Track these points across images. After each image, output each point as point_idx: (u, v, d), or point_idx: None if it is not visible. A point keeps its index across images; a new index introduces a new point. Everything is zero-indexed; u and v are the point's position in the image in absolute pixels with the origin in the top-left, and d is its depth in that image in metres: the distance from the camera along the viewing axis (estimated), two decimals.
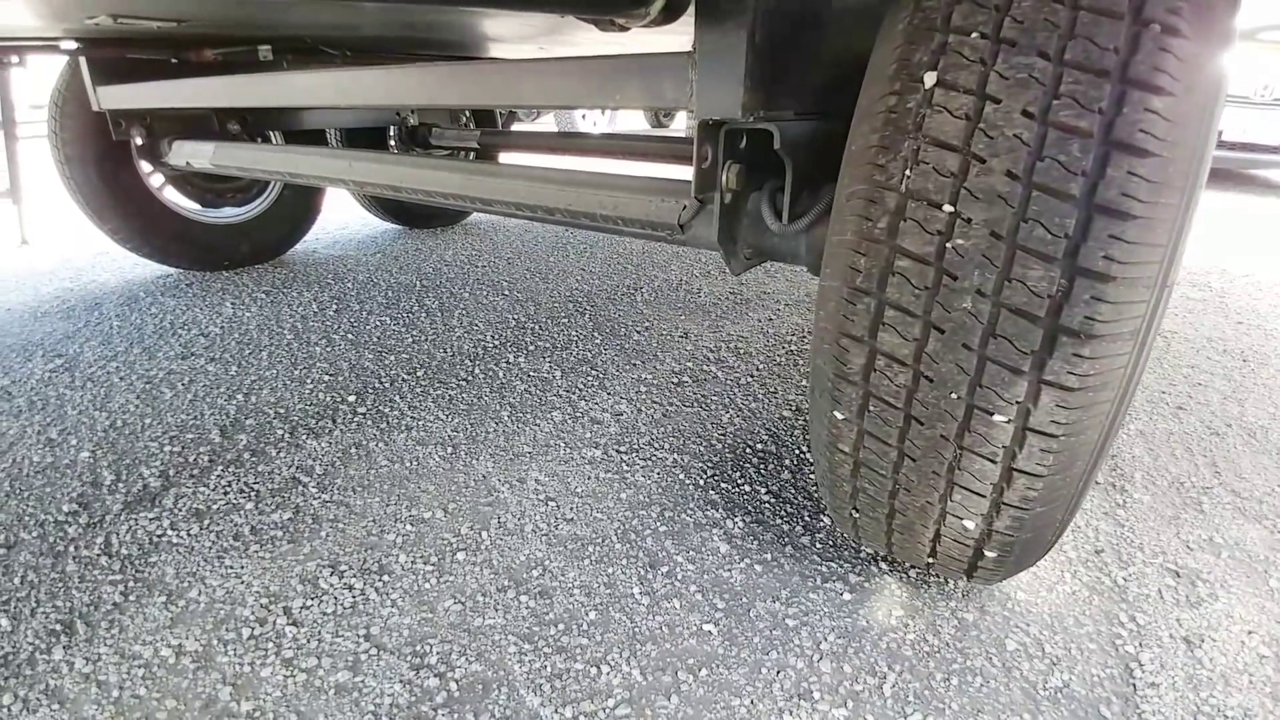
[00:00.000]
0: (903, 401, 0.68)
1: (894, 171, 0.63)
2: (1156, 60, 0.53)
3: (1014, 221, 0.57)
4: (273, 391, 1.59)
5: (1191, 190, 0.57)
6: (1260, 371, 1.95)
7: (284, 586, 1.04)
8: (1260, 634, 1.02)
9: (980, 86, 0.59)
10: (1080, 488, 0.71)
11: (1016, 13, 0.58)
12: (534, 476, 1.31)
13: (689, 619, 0.99)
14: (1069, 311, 0.57)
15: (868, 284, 0.66)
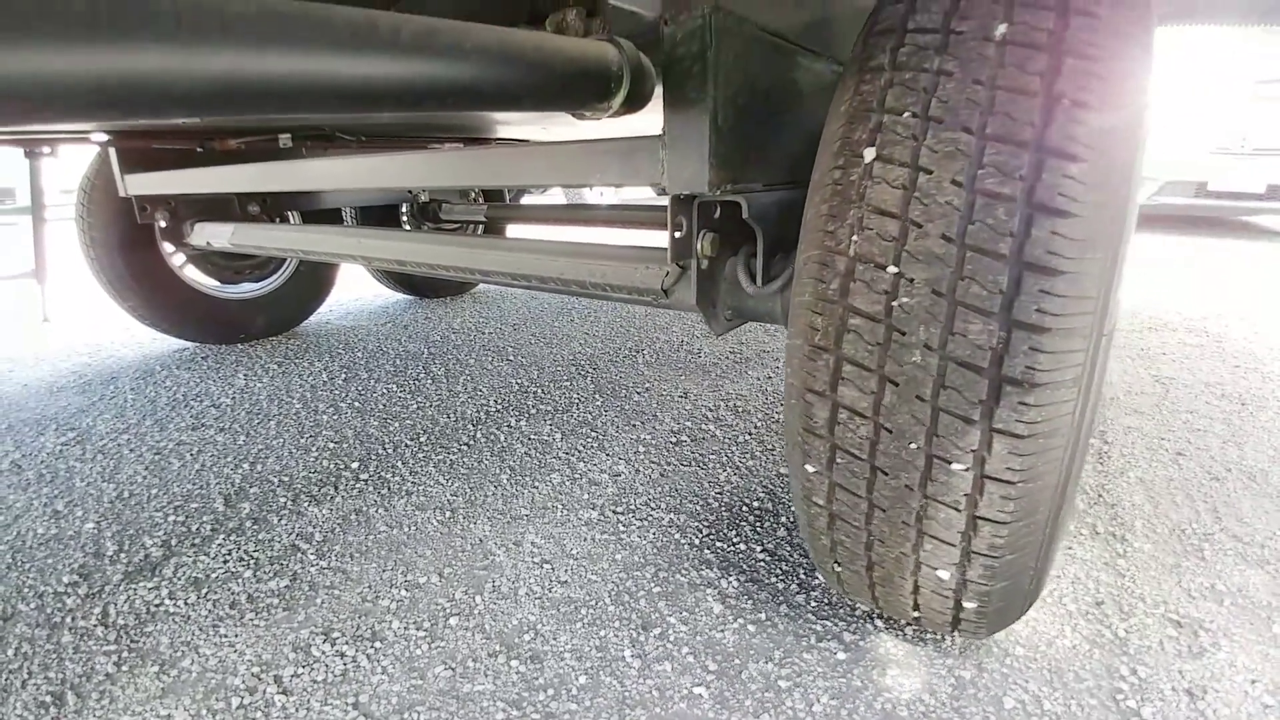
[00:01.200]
0: (866, 453, 0.70)
1: (842, 237, 0.68)
2: (1069, 130, 0.58)
3: (952, 280, 0.61)
4: (278, 460, 1.63)
5: (1117, 244, 0.61)
6: (1259, 415, 1.94)
7: (276, 654, 1.04)
8: (1264, 683, 0.99)
9: (914, 160, 0.64)
10: (1048, 534, 0.72)
11: (941, 94, 0.64)
12: (530, 539, 1.32)
13: (680, 682, 0.98)
14: (1010, 362, 0.60)
15: (825, 341, 0.70)
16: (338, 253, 1.64)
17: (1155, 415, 1.92)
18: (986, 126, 0.61)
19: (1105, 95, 0.59)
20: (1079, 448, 0.68)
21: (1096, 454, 1.68)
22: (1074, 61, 0.60)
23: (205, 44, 0.46)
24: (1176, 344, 2.60)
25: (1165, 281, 3.82)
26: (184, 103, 0.47)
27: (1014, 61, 0.62)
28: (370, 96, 0.55)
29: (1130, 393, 2.08)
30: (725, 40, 0.80)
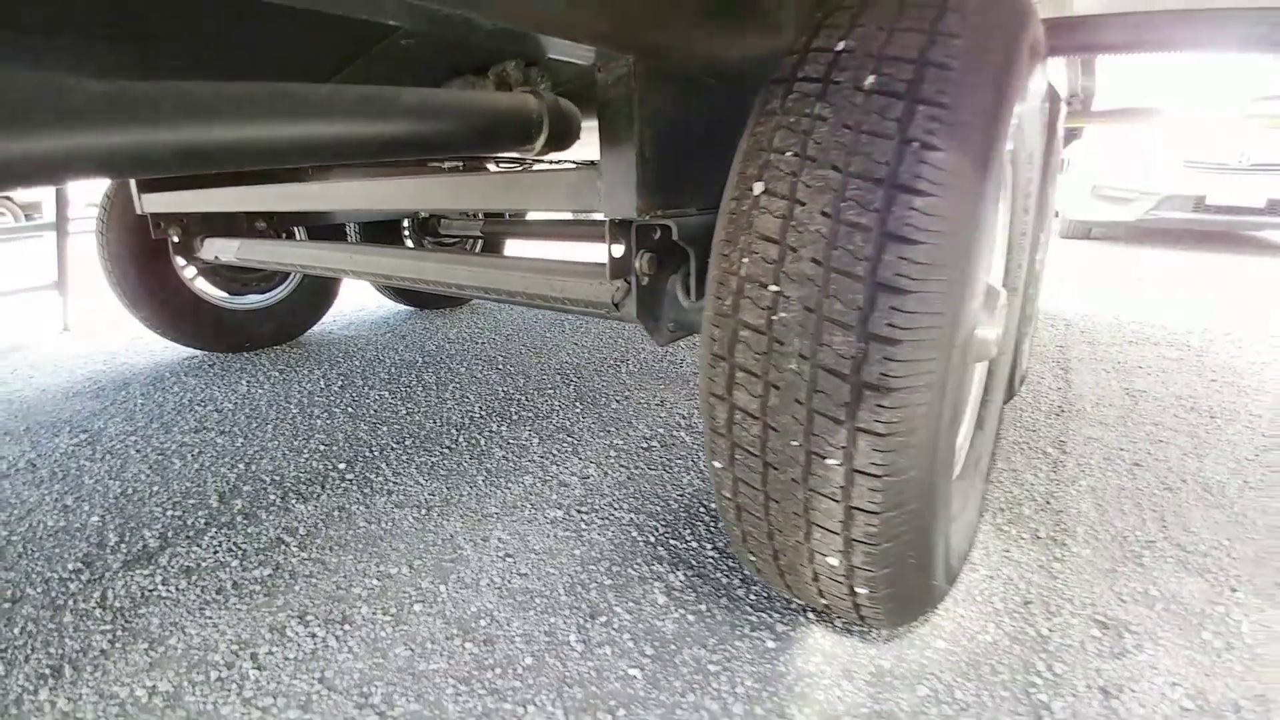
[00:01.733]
0: (759, 450, 0.78)
1: (734, 260, 0.77)
2: (916, 170, 0.66)
3: (820, 298, 0.70)
4: (271, 461, 1.74)
5: (965, 268, 0.69)
6: (1227, 428, 1.98)
7: (254, 634, 1.14)
8: (1185, 686, 1.04)
9: (792, 193, 0.72)
10: (925, 526, 0.79)
11: (816, 136, 0.72)
12: (497, 535, 1.41)
13: (617, 664, 1.06)
14: (868, 369, 0.68)
15: (722, 350, 0.79)
16: (329, 267, 1.75)
17: (1119, 427, 1.97)
18: (850, 165, 0.69)
19: (952, 138, 0.68)
20: (943, 448, 0.76)
21: (1052, 463, 1.73)
22: (925, 108, 0.68)
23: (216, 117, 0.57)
24: (1156, 358, 2.64)
25: (1154, 296, 3.85)
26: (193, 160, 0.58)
27: (876, 108, 0.70)
28: (328, 151, 0.65)
29: (1098, 405, 2.14)
30: (648, 85, 0.90)
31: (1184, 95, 3.67)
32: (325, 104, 0.63)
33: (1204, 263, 5.03)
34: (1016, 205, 1.24)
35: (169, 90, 0.55)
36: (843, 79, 0.74)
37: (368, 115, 0.65)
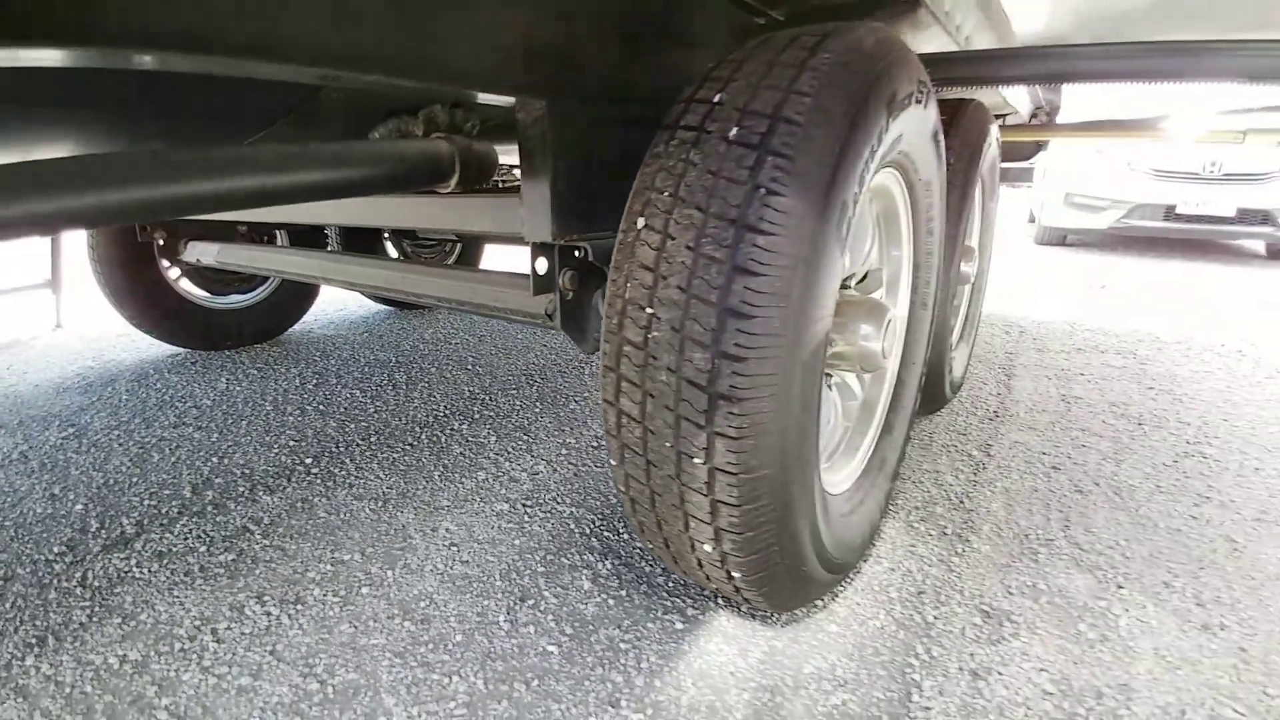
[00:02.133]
0: (642, 449, 0.90)
1: (621, 284, 0.88)
2: (760, 212, 0.78)
3: (682, 320, 0.81)
4: (243, 455, 1.85)
5: (804, 295, 0.80)
6: (1151, 435, 2.09)
7: (215, 612, 1.26)
8: (1051, 672, 1.15)
9: (665, 228, 0.84)
10: (785, 517, 0.91)
11: (687, 180, 0.84)
12: (446, 526, 1.53)
13: (538, 641, 1.18)
14: (720, 382, 0.79)
15: (611, 362, 0.90)
16: (298, 273, 1.87)
17: (1048, 432, 2.09)
18: (710, 206, 0.81)
19: (794, 185, 0.79)
20: (796, 450, 0.87)
21: (974, 465, 1.85)
22: (772, 158, 0.80)
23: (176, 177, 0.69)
24: (1100, 365, 2.75)
25: (1114, 304, 3.95)
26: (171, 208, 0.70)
27: (734, 157, 0.82)
28: (266, 198, 0.78)
29: (1032, 410, 2.25)
30: (560, 125, 1.01)
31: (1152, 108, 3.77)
32: (264, 161, 0.74)
33: (1174, 270, 5.14)
34: (919, 229, 1.35)
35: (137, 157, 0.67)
36: (713, 129, 0.85)
37: (300, 167, 0.76)
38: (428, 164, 0.88)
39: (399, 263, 1.55)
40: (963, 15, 1.72)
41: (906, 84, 0.99)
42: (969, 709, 1.06)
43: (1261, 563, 1.45)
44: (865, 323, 1.18)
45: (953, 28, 1.71)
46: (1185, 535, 1.54)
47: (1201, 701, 1.08)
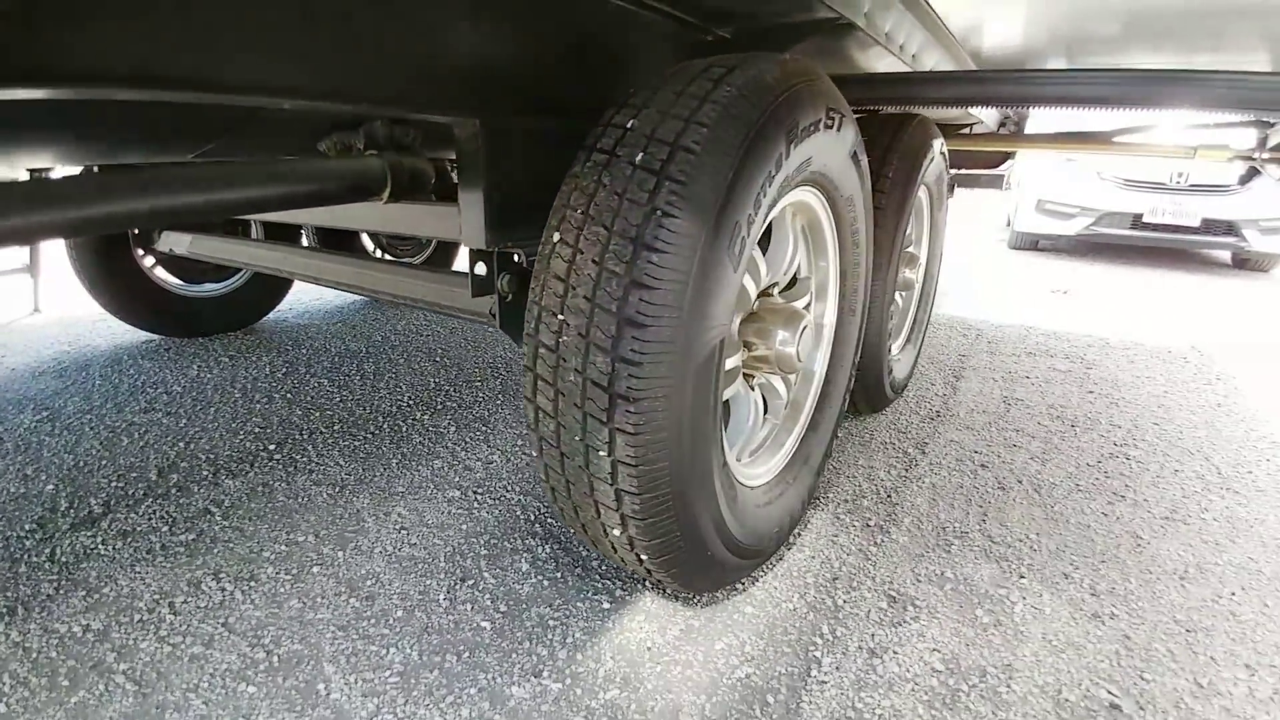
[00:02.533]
0: (556, 442, 0.99)
1: (538, 292, 0.97)
2: (656, 232, 0.86)
3: (588, 327, 0.90)
4: (209, 440, 1.93)
5: (695, 306, 0.89)
6: (1082, 436, 2.20)
7: (174, 587, 1.34)
8: (943, 652, 1.26)
9: (575, 242, 0.92)
10: (684, 505, 1.00)
11: (597, 200, 0.92)
12: (399, 511, 1.61)
13: (473, 618, 1.27)
14: (619, 383, 0.88)
15: (529, 363, 0.99)
16: (264, 265, 1.93)
17: (983, 432, 2.19)
18: (614, 225, 0.89)
19: (687, 207, 0.88)
20: (690, 444, 0.96)
21: (908, 461, 1.95)
22: (669, 184, 0.88)
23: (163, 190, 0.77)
24: (1046, 369, 2.86)
25: (1073, 309, 4.07)
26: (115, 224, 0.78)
27: (637, 181, 0.90)
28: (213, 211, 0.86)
29: (973, 411, 2.36)
30: (493, 141, 1.09)
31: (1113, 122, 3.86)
32: (206, 179, 0.82)
33: (1138, 277, 5.27)
34: (844, 240, 1.44)
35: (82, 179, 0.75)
36: (623, 154, 0.94)
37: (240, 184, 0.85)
38: (360, 180, 0.96)
39: (358, 259, 1.62)
40: (905, 35, 1.80)
41: (811, 113, 1.08)
42: (861, 683, 1.16)
43: (1161, 558, 1.56)
44: (783, 329, 1.28)
45: (896, 48, 1.79)
46: (1093, 531, 1.65)
47: (1079, 683, 1.19)
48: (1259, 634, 1.33)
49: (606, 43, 1.33)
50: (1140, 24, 1.84)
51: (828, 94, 1.15)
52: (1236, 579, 1.49)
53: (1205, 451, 2.12)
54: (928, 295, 2.49)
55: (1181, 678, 1.21)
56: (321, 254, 1.71)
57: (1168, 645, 1.28)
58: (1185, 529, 1.68)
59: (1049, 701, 1.14)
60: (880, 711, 1.11)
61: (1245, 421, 2.38)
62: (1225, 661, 1.25)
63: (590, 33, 1.26)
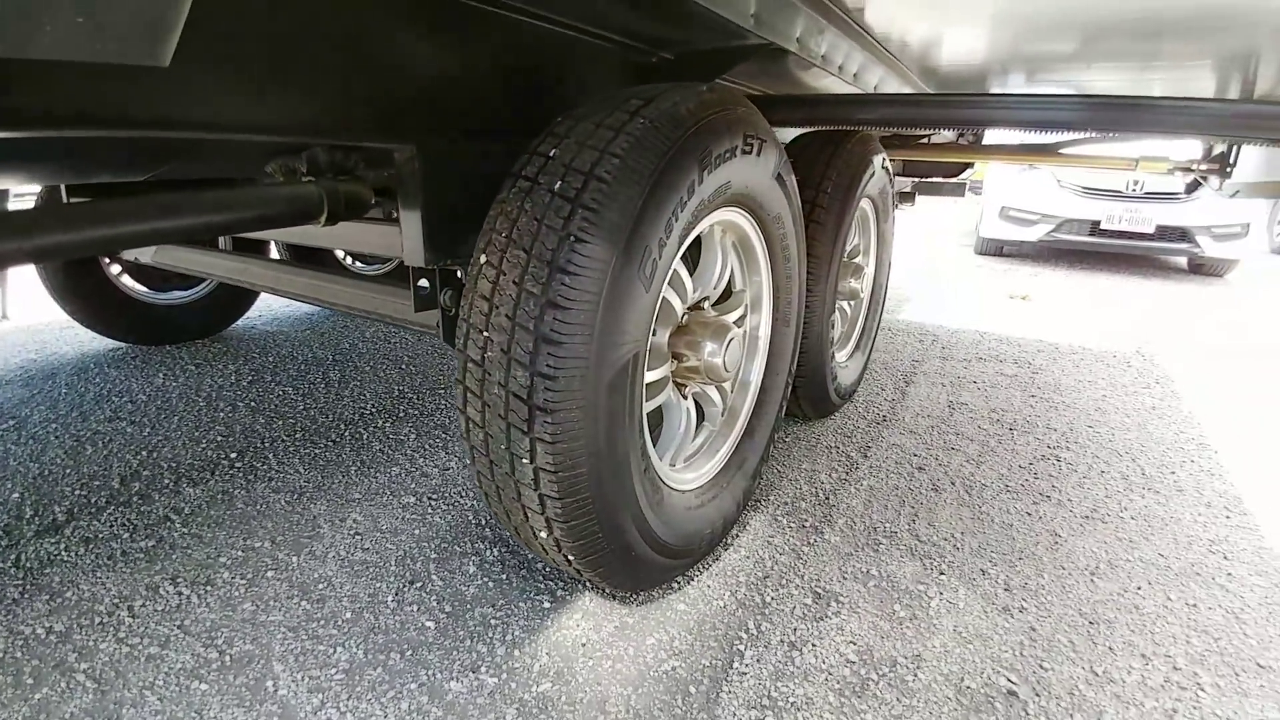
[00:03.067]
0: (485, 450, 1.06)
1: (467, 310, 1.04)
2: (570, 256, 0.94)
3: (509, 343, 0.97)
4: (172, 449, 1.97)
5: (605, 327, 0.97)
6: (1019, 439, 2.30)
7: (133, 591, 1.39)
8: (858, 645, 1.34)
9: (499, 264, 1.00)
10: (605, 509, 1.08)
11: (519, 224, 0.99)
12: (354, 517, 1.67)
13: (419, 619, 1.34)
14: (537, 395, 0.96)
15: (460, 376, 1.06)
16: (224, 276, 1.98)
17: (926, 436, 2.29)
18: (533, 249, 0.97)
19: (599, 233, 0.95)
20: (605, 451, 1.04)
21: (849, 465, 2.04)
22: (583, 211, 0.96)
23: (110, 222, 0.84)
24: (994, 374, 2.97)
25: (1029, 314, 4.20)
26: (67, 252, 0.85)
27: (554, 208, 0.98)
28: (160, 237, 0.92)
29: (918, 415, 2.45)
30: (429, 165, 1.16)
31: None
32: (153, 210, 0.89)
33: (1097, 283, 5.43)
34: (775, 256, 1.53)
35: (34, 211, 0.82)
36: (543, 182, 1.01)
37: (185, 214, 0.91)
38: (297, 206, 1.02)
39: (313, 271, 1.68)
40: (843, 57, 1.89)
41: (727, 140, 1.16)
42: (778, 674, 1.24)
43: (1076, 555, 1.66)
44: (711, 341, 1.36)
45: (834, 69, 1.88)
46: (1015, 529, 1.75)
47: (981, 671, 1.28)
48: (1158, 626, 1.43)
49: (551, 68, 1.41)
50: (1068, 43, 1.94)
51: (746, 121, 1.24)
52: (1144, 574, 1.59)
53: (1134, 453, 2.23)
54: (877, 303, 2.59)
55: (1079, 666, 1.30)
56: (279, 265, 1.76)
57: (1070, 636, 1.37)
58: (1103, 527, 1.78)
59: (951, 689, 1.22)
60: (793, 700, 1.19)
61: (1177, 424, 2.50)
62: (1123, 651, 1.35)
63: (534, 59, 1.34)
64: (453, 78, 1.21)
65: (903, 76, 2.48)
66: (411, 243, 1.21)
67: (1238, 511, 1.91)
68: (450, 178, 1.20)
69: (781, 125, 1.86)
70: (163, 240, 0.90)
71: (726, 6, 1.25)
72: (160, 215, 0.87)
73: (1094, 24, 1.63)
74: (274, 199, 1.00)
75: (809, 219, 1.89)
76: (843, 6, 1.65)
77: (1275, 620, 1.46)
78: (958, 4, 1.59)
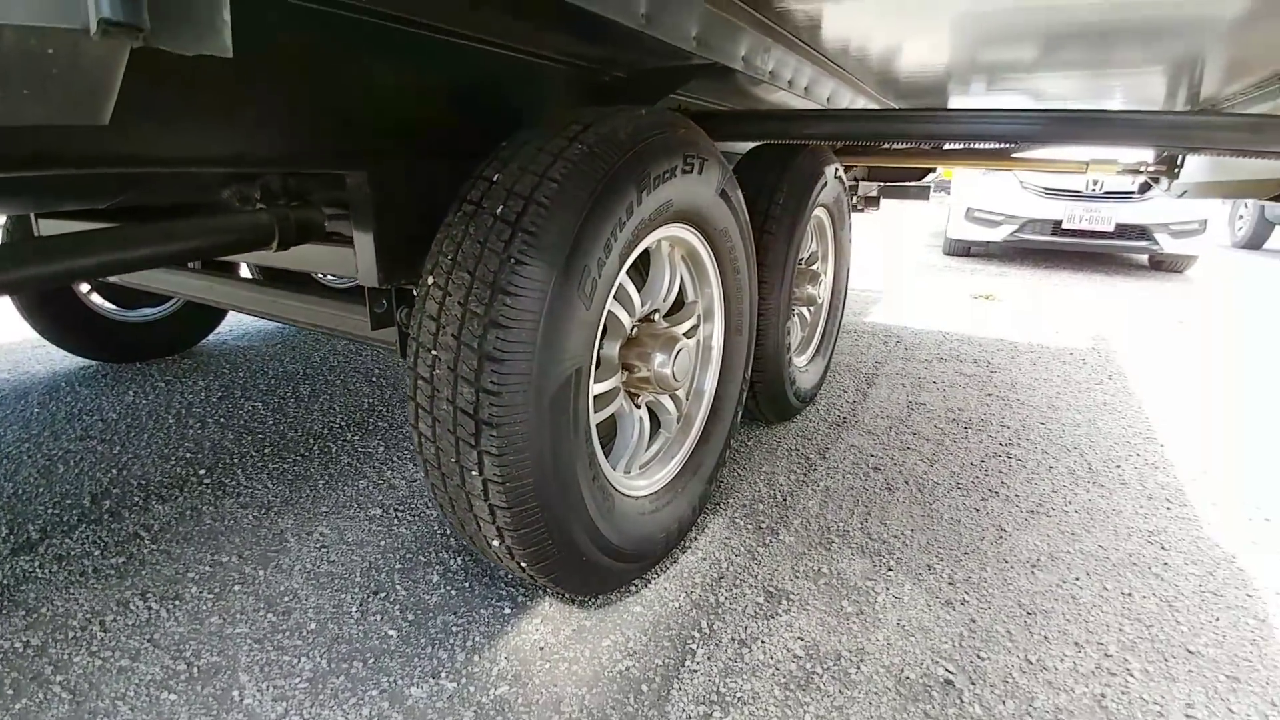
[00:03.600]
0: (437, 464, 1.11)
1: (416, 329, 1.09)
2: (510, 278, 0.99)
3: (455, 361, 1.02)
4: (141, 467, 2.00)
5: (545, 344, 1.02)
6: (972, 438, 2.38)
7: (104, 606, 1.43)
8: (805, 640, 1.40)
9: (445, 285, 1.05)
10: (553, 517, 1.13)
11: (463, 247, 1.05)
12: (320, 530, 1.71)
13: (381, 627, 1.38)
14: (483, 411, 1.01)
15: (411, 392, 1.11)
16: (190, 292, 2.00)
17: (883, 436, 2.36)
18: (477, 271, 1.02)
19: (538, 255, 1.01)
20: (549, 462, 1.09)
21: (807, 466, 2.11)
22: (523, 234, 1.01)
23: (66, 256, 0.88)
24: (953, 374, 3.06)
25: (991, 314, 4.31)
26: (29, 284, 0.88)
27: (496, 231, 1.03)
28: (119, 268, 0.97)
29: (877, 416, 2.53)
30: (380, 191, 1.21)
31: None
32: (110, 242, 0.93)
33: (1058, 281, 5.57)
34: (725, 268, 1.59)
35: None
36: (486, 206, 1.06)
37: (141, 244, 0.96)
38: (250, 234, 1.07)
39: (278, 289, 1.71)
40: (792, 72, 1.96)
41: (665, 162, 1.22)
42: (728, 670, 1.30)
43: (1019, 549, 1.73)
44: (660, 352, 1.41)
45: (784, 83, 1.95)
46: (963, 525, 1.82)
47: (921, 662, 1.34)
48: (1093, 615, 1.50)
49: (503, 90, 1.46)
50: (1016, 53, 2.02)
51: (686, 142, 1.30)
52: (1084, 565, 1.67)
53: (1082, 448, 2.32)
54: (836, 308, 2.66)
55: (1015, 655, 1.37)
56: (244, 283, 1.80)
57: (1008, 627, 1.44)
58: (1047, 521, 1.85)
59: (892, 680, 1.29)
60: (741, 694, 1.25)
61: (1125, 418, 2.60)
62: (1057, 640, 1.42)
63: (486, 83, 1.39)
64: (404, 104, 1.26)
65: (856, 89, 2.56)
66: (365, 264, 1.25)
67: (1178, 503, 1.99)
68: (402, 201, 1.25)
69: (730, 140, 1.92)
70: (121, 270, 0.94)
71: (669, 32, 1.31)
72: (116, 248, 0.91)
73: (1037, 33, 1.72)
74: (227, 228, 1.05)
75: (763, 230, 1.96)
76: (788, 26, 1.72)
77: (1207, 608, 1.54)
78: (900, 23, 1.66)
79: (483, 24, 1.26)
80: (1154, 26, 1.55)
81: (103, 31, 0.43)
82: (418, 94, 1.29)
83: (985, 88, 2.65)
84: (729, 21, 1.50)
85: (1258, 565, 1.69)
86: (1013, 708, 1.23)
